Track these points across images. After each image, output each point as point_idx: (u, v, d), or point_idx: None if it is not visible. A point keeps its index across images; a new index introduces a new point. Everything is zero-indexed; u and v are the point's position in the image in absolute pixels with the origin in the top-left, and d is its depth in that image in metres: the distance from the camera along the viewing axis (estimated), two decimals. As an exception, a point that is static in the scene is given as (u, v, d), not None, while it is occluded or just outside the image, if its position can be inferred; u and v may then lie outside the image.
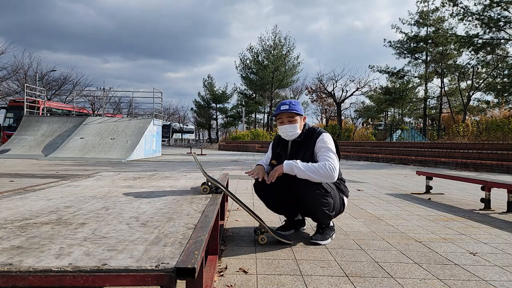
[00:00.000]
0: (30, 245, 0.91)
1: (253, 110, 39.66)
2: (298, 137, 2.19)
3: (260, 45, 32.77)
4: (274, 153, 2.30)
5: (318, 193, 2.01)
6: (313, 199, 2.01)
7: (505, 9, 16.38)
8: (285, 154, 2.22)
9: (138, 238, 1.01)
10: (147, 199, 1.71)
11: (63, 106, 24.90)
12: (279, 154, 2.26)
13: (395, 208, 3.44)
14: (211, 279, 1.44)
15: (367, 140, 17.80)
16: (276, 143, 2.33)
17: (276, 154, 2.28)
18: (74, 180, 2.45)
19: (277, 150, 2.28)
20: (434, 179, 5.37)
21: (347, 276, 1.63)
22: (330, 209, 2.06)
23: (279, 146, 2.29)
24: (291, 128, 2.15)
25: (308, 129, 2.22)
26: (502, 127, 11.19)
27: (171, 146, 36.30)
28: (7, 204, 1.49)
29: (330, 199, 2.05)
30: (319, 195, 2.01)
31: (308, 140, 2.15)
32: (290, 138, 2.20)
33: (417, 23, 23.50)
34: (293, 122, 2.15)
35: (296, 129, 2.16)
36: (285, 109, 2.14)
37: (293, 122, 2.15)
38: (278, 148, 2.28)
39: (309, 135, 2.17)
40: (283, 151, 2.25)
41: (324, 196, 2.02)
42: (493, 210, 3.35)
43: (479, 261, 1.88)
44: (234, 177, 5.76)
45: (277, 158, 2.24)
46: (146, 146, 13.32)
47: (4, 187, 4.46)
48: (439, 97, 24.75)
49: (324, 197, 2.02)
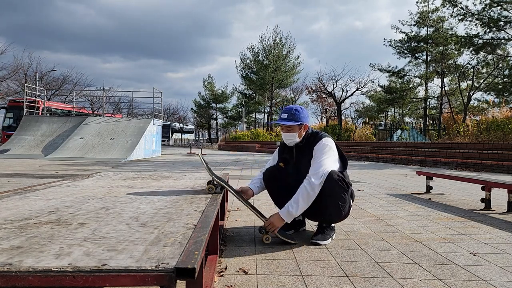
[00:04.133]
0: (30, 245, 0.91)
1: (253, 110, 39.68)
2: (300, 142, 2.23)
3: (261, 44, 32.78)
4: (280, 157, 2.39)
5: (339, 185, 2.03)
6: (332, 187, 2.01)
7: (505, 9, 16.37)
8: (292, 159, 2.30)
9: (138, 238, 1.01)
10: (147, 199, 1.71)
11: (63, 106, 24.91)
12: (286, 158, 2.34)
13: (395, 208, 3.44)
14: (211, 279, 1.44)
15: (367, 140, 17.80)
16: (282, 148, 2.41)
17: (283, 158, 2.36)
18: (74, 180, 2.44)
19: (284, 155, 2.36)
20: (435, 179, 5.36)
21: (347, 276, 1.63)
22: (343, 206, 2.09)
23: (285, 151, 2.37)
24: (288, 136, 2.22)
25: (311, 133, 2.24)
26: (503, 127, 11.19)
27: (171, 146, 36.30)
28: (7, 204, 1.49)
29: (347, 195, 2.09)
30: (340, 188, 2.04)
31: (310, 146, 2.19)
32: (289, 144, 2.28)
33: (417, 23, 23.49)
34: (290, 131, 2.20)
35: (294, 138, 2.21)
36: (283, 117, 2.19)
37: (290, 131, 2.20)
38: (284, 153, 2.36)
39: (311, 140, 2.20)
40: (289, 155, 2.32)
41: (344, 190, 2.06)
42: (494, 210, 3.35)
43: (479, 261, 1.88)
44: (234, 177, 5.76)
45: (285, 162, 2.33)
46: (146, 146, 13.32)
47: (4, 187, 4.46)
48: (440, 97, 24.74)
49: (343, 191, 2.06)
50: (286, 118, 2.17)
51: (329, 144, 2.13)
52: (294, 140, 2.22)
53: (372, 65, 23.90)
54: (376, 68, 24.02)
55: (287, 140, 2.24)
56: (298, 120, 2.17)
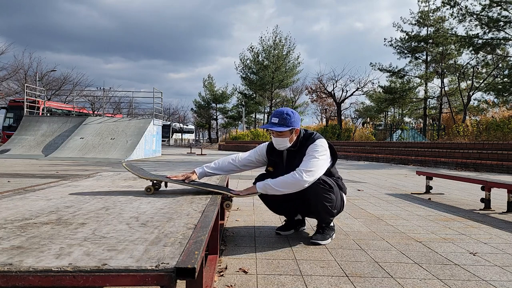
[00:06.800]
0: (30, 245, 0.91)
1: (253, 110, 39.67)
2: (292, 146, 2.16)
3: (261, 45, 32.78)
4: (270, 160, 2.28)
5: (321, 188, 2.02)
6: (315, 193, 2.01)
7: (504, 9, 16.37)
8: (282, 162, 2.21)
9: (138, 238, 1.01)
10: (147, 199, 1.71)
11: (63, 106, 24.91)
12: (275, 161, 2.24)
13: (395, 208, 3.44)
14: (211, 279, 1.44)
15: (367, 140, 17.80)
16: (270, 150, 2.28)
17: (272, 161, 2.27)
18: (74, 180, 2.45)
19: (272, 157, 2.25)
20: (434, 179, 5.36)
21: (347, 276, 1.63)
22: (332, 205, 2.07)
23: (274, 152, 2.25)
24: (279, 141, 2.14)
25: (303, 136, 2.17)
26: (502, 127, 11.19)
27: (171, 146, 36.30)
28: (7, 204, 1.49)
29: (332, 194, 2.06)
30: (322, 190, 2.02)
31: (303, 148, 2.12)
32: (280, 149, 2.19)
33: (418, 22, 23.50)
34: (281, 136, 2.12)
35: (285, 142, 2.13)
36: (274, 122, 2.10)
37: (281, 136, 2.12)
38: (274, 155, 2.25)
39: (304, 143, 2.14)
40: (279, 158, 2.23)
41: (327, 191, 2.03)
42: (493, 210, 3.35)
43: (479, 261, 1.88)
44: (234, 177, 5.76)
45: (274, 165, 2.24)
46: (146, 146, 13.32)
47: (4, 187, 4.46)
48: (439, 97, 24.74)
49: (327, 192, 2.03)
50: (277, 123, 2.08)
51: (323, 145, 2.10)
52: (285, 145, 2.14)
53: (372, 64, 23.90)
54: (376, 68, 24.03)
55: (278, 145, 2.15)
56: (289, 125, 2.08)
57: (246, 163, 2.29)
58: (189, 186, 2.05)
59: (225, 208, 1.98)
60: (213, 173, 2.24)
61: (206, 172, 2.21)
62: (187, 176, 2.08)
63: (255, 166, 2.33)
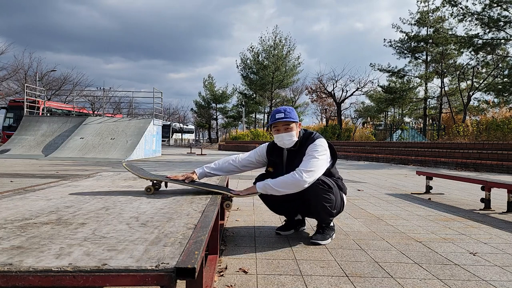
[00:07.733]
0: (30, 245, 0.91)
1: (253, 110, 39.69)
2: (293, 146, 2.16)
3: (261, 45, 32.79)
4: (270, 160, 2.28)
5: (321, 188, 2.01)
6: (315, 194, 2.01)
7: (505, 9, 16.37)
8: (282, 162, 2.21)
9: (138, 238, 1.01)
10: (147, 199, 1.71)
11: (63, 106, 24.92)
12: (275, 162, 2.24)
13: (395, 208, 3.44)
14: (211, 279, 1.44)
15: (367, 140, 17.79)
16: (270, 150, 2.28)
17: (272, 161, 2.26)
18: (74, 180, 2.45)
19: (272, 158, 2.25)
20: (434, 179, 5.36)
21: (347, 276, 1.63)
22: (332, 206, 2.06)
23: (274, 153, 2.25)
24: (288, 137, 2.12)
25: (303, 136, 2.18)
26: (502, 127, 11.19)
27: (171, 146, 36.30)
28: (7, 204, 1.49)
29: (332, 195, 2.05)
30: (321, 190, 2.02)
31: (302, 148, 2.12)
32: (287, 146, 2.17)
33: (417, 22, 23.50)
34: (289, 130, 2.11)
35: (293, 137, 2.13)
36: (280, 117, 2.10)
37: (289, 130, 2.11)
38: (274, 156, 2.25)
39: (303, 143, 2.14)
40: (279, 159, 2.23)
41: (326, 191, 2.03)
42: (493, 210, 3.35)
43: (479, 261, 1.88)
44: (235, 177, 5.75)
45: (274, 166, 2.24)
46: (146, 146, 13.32)
47: (4, 187, 4.46)
48: (439, 97, 24.74)
49: (326, 192, 2.03)
50: (284, 116, 2.10)
51: (323, 145, 2.10)
52: (293, 140, 2.13)
53: (372, 65, 23.91)
54: (376, 68, 24.03)
55: (286, 141, 2.13)
56: (294, 118, 2.12)
57: (246, 163, 2.29)
58: (189, 186, 2.05)
59: (225, 208, 1.99)
60: (213, 174, 2.25)
61: (206, 172, 2.21)
62: (187, 176, 2.08)
63: (255, 166, 2.33)
